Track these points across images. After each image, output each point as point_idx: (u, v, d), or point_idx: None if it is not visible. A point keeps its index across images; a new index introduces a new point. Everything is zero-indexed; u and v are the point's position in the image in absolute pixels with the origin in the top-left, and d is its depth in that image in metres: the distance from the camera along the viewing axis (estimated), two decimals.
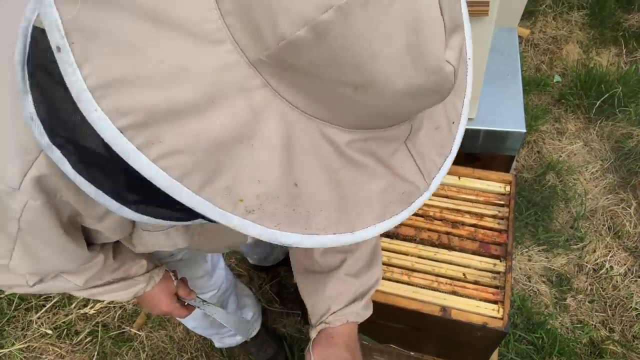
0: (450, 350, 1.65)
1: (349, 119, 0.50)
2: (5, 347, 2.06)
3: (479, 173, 1.68)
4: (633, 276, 2.18)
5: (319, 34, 0.41)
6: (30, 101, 0.52)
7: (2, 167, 0.62)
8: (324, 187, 0.52)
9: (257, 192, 0.48)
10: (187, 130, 0.44)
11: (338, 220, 0.54)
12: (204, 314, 1.50)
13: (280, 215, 0.50)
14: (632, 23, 3.19)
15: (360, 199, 0.55)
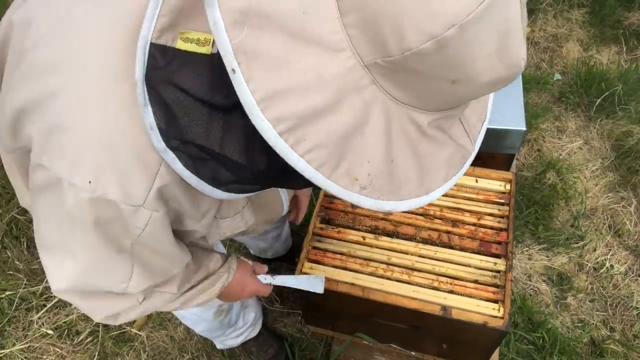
0: (451, 349, 1.65)
1: (434, 104, 0.62)
2: (6, 348, 2.06)
3: (479, 171, 1.68)
4: (634, 275, 2.18)
5: (441, 46, 0.52)
6: (150, 112, 0.63)
7: (126, 187, 0.68)
8: (410, 161, 0.64)
9: (368, 171, 0.61)
10: (322, 128, 0.56)
11: (419, 185, 0.67)
12: (215, 315, 1.51)
13: (383, 189, 0.63)
14: (633, 21, 3.18)
15: (433, 167, 0.68)
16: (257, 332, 1.91)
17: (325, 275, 1.49)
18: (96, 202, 0.69)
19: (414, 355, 1.76)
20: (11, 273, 2.24)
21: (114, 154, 0.68)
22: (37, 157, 0.71)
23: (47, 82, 0.70)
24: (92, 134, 0.68)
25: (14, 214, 2.35)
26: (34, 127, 0.71)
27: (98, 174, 0.68)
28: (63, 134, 0.68)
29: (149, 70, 0.63)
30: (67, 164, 0.68)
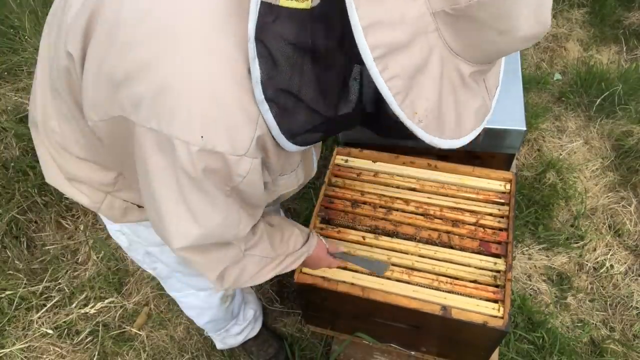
0: (451, 349, 1.65)
1: (478, 55, 0.74)
2: (6, 347, 2.06)
3: (479, 171, 1.67)
4: (634, 275, 2.18)
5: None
6: (257, 65, 0.72)
7: (233, 139, 0.76)
8: (452, 106, 0.76)
9: (425, 107, 0.72)
10: (400, 61, 0.68)
11: (454, 128, 0.77)
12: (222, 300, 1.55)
13: (432, 125, 0.74)
14: (633, 21, 3.18)
15: (465, 114, 0.78)
16: (257, 332, 1.92)
17: (325, 275, 1.49)
18: (207, 154, 0.76)
19: (414, 355, 1.76)
20: (11, 273, 2.24)
21: (222, 109, 0.75)
22: (145, 121, 0.77)
23: (151, 48, 0.75)
24: (200, 92, 0.74)
25: (14, 214, 2.35)
26: (137, 94, 0.76)
27: (208, 128, 0.75)
28: (171, 95, 0.74)
29: (259, 26, 0.71)
30: (179, 122, 0.75)
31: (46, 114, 1.01)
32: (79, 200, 1.08)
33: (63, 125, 0.99)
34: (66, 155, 1.03)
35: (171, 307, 2.17)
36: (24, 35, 2.98)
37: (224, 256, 1.00)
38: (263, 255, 1.09)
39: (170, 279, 1.44)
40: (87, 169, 1.03)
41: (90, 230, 2.38)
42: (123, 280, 2.25)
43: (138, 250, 1.30)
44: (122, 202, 1.08)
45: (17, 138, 2.56)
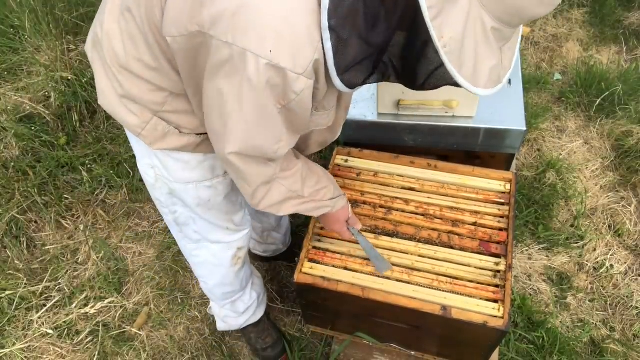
0: (451, 349, 1.65)
1: (501, 11, 0.82)
2: (6, 347, 2.06)
3: (479, 171, 1.67)
4: (634, 275, 2.18)
5: None
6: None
7: (296, 57, 0.88)
8: (472, 51, 0.85)
9: (451, 35, 0.81)
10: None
11: (472, 74, 0.87)
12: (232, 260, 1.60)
13: (454, 55, 0.83)
14: (633, 21, 3.18)
15: (482, 67, 0.87)
16: (259, 319, 1.93)
17: (325, 275, 1.49)
18: (272, 68, 0.87)
19: (414, 355, 1.76)
20: (11, 273, 2.24)
21: (291, 30, 0.86)
22: (222, 35, 0.88)
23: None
24: (274, 13, 0.86)
25: (14, 214, 2.36)
26: (219, 10, 0.87)
27: (277, 45, 0.86)
28: (249, 13, 0.86)
29: None
30: (254, 37, 0.86)
31: (111, 34, 1.10)
32: (126, 120, 1.17)
33: (128, 44, 1.09)
34: (125, 73, 1.12)
35: (171, 307, 2.17)
36: (24, 35, 2.98)
37: (262, 172, 1.11)
38: (291, 189, 1.22)
39: (187, 227, 1.46)
40: (143, 86, 1.12)
41: (90, 230, 2.38)
42: (123, 280, 2.25)
43: (162, 189, 1.35)
44: (166, 125, 1.17)
45: (17, 138, 2.56)
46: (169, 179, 1.31)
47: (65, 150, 2.56)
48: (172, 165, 1.28)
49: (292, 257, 2.18)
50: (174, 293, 2.20)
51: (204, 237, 1.50)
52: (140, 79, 1.11)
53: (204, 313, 2.13)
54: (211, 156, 1.28)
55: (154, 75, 1.10)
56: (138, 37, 1.07)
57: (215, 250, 1.55)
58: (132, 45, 1.08)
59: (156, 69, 1.09)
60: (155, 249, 2.33)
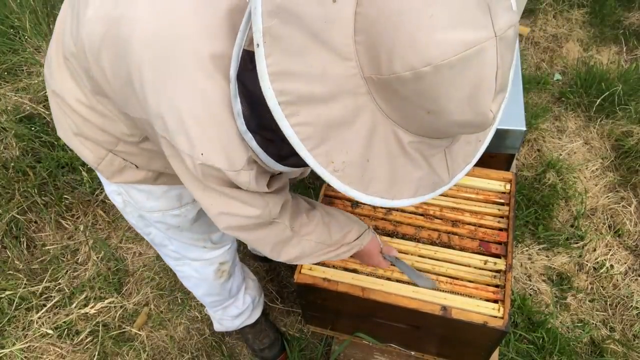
0: (451, 349, 1.65)
1: (415, 127, 0.75)
2: (6, 347, 2.06)
3: (479, 171, 1.67)
4: (633, 275, 2.18)
5: (418, 77, 0.66)
6: (238, 102, 0.79)
7: (230, 156, 0.86)
8: (384, 167, 0.78)
9: (344, 159, 0.75)
10: (314, 112, 0.71)
11: (387, 189, 0.81)
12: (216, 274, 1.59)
13: (352, 177, 0.77)
14: (633, 21, 3.18)
15: (404, 180, 0.81)
16: (255, 320, 1.93)
17: (325, 275, 1.49)
18: (208, 168, 0.87)
19: (414, 355, 1.76)
20: (11, 273, 2.24)
21: (218, 132, 0.84)
22: (160, 130, 0.87)
23: (158, 73, 0.83)
24: (200, 117, 0.83)
25: (14, 214, 2.35)
26: (151, 107, 0.85)
27: (207, 148, 0.85)
28: (175, 117, 0.83)
29: (240, 70, 0.77)
30: (182, 140, 0.85)
31: (61, 78, 1.09)
32: (82, 154, 1.16)
33: (75, 90, 1.07)
34: (76, 116, 1.10)
35: (171, 307, 2.17)
36: (24, 35, 2.98)
37: (269, 234, 1.09)
38: (319, 241, 1.20)
39: (164, 247, 1.46)
40: (94, 129, 1.11)
41: (90, 230, 2.38)
42: (123, 280, 2.25)
43: (132, 213, 1.34)
44: (122, 160, 1.16)
45: (17, 138, 2.56)
46: (135, 207, 1.30)
47: (65, 150, 2.56)
48: (136, 195, 1.26)
49: None
50: (174, 293, 2.20)
51: (183, 255, 1.49)
52: (88, 121, 1.09)
53: (204, 313, 2.13)
54: (177, 186, 1.25)
55: (104, 122, 1.08)
56: (82, 85, 1.05)
57: (197, 266, 1.54)
58: (79, 90, 1.06)
59: (105, 115, 1.07)
60: (155, 249, 2.32)
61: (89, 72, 0.98)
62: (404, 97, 0.70)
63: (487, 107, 0.70)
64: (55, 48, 1.10)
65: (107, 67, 0.91)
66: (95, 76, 0.96)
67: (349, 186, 0.78)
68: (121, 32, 0.85)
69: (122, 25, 0.85)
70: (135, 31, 0.84)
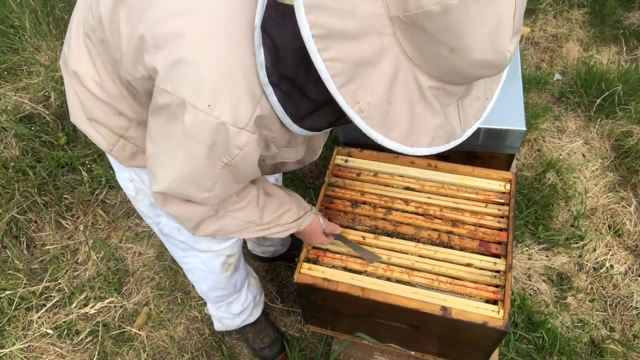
0: (451, 349, 1.65)
1: (435, 70, 0.76)
2: (6, 347, 2.06)
3: (479, 171, 1.67)
4: (633, 275, 2.18)
5: (445, 11, 0.68)
6: (262, 53, 0.81)
7: (236, 111, 0.86)
8: (404, 113, 0.80)
9: (369, 100, 0.76)
10: (344, 48, 0.73)
11: (406, 136, 0.82)
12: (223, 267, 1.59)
13: (375, 120, 0.78)
14: (633, 21, 3.18)
15: (422, 128, 0.82)
16: (256, 319, 1.93)
17: (325, 275, 1.49)
18: (210, 122, 0.86)
19: (414, 355, 1.76)
20: (11, 273, 2.24)
21: (229, 84, 0.85)
22: (161, 83, 0.88)
23: (177, 24, 0.86)
24: (213, 67, 0.84)
25: (14, 214, 2.35)
26: (160, 59, 0.87)
27: (216, 98, 0.85)
28: (188, 66, 0.85)
29: (265, 19, 0.79)
30: (191, 90, 0.85)
31: (75, 55, 1.11)
32: (96, 140, 1.18)
33: (89, 68, 1.10)
34: (88, 96, 1.12)
35: (171, 307, 2.17)
36: (24, 35, 2.98)
37: (194, 211, 1.08)
38: (247, 219, 1.19)
39: (172, 237, 1.46)
40: (105, 109, 1.13)
41: (90, 230, 2.38)
42: (123, 280, 2.25)
43: (143, 200, 1.35)
44: (133, 146, 1.18)
45: (17, 138, 2.56)
46: (148, 193, 1.31)
47: (65, 150, 2.56)
48: (147, 179, 1.26)
49: (291, 258, 2.18)
50: (174, 293, 2.20)
51: (191, 247, 1.49)
52: (102, 102, 1.11)
53: (204, 313, 2.13)
54: None
55: (114, 100, 1.10)
56: (98, 63, 1.08)
57: (205, 258, 1.54)
58: (94, 69, 1.09)
59: (116, 94, 1.09)
60: (155, 249, 2.32)
61: (103, 42, 1.02)
62: (429, 34, 0.71)
63: (506, 46, 0.73)
64: (75, 26, 1.12)
65: (122, 25, 0.95)
66: (109, 41, 0.99)
67: (372, 129, 0.78)
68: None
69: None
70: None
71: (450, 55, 0.73)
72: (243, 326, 1.94)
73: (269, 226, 1.26)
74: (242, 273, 1.74)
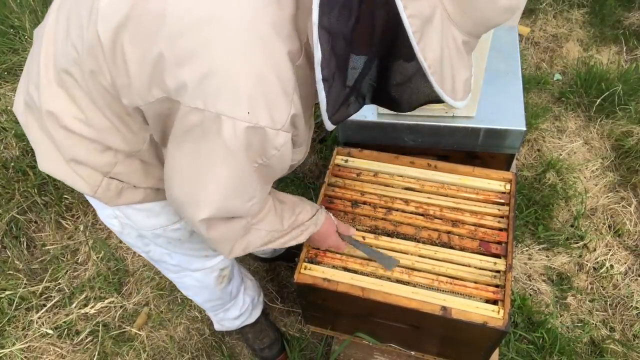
0: (451, 349, 1.65)
1: (469, 23, 0.83)
2: (6, 347, 2.06)
3: (479, 171, 1.67)
4: (633, 275, 2.18)
5: None
6: (319, 50, 0.81)
7: (273, 114, 0.86)
8: (449, 68, 0.86)
9: (432, 57, 0.82)
10: (416, 5, 0.78)
11: (451, 90, 0.88)
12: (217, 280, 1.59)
13: (437, 75, 0.84)
14: (633, 21, 3.18)
15: (459, 81, 0.89)
16: (255, 319, 1.94)
17: (325, 275, 1.49)
18: (251, 129, 0.86)
19: (414, 355, 1.76)
20: (11, 273, 2.24)
21: (264, 88, 0.85)
22: (191, 102, 0.86)
23: (200, 36, 0.84)
24: (245, 74, 0.84)
25: (14, 214, 2.36)
26: (188, 74, 0.85)
27: (254, 105, 0.85)
28: (219, 77, 0.84)
29: (320, 16, 0.80)
30: (228, 101, 0.84)
31: (52, 95, 1.04)
32: (76, 185, 1.11)
33: (70, 106, 1.03)
34: (70, 135, 1.05)
35: (171, 307, 2.17)
36: (24, 35, 2.98)
37: (232, 229, 1.08)
38: (269, 229, 1.19)
39: (164, 262, 1.46)
40: (89, 147, 1.07)
41: (90, 230, 2.38)
42: (123, 280, 2.25)
43: (130, 234, 1.33)
44: (119, 182, 1.13)
45: (17, 138, 2.56)
46: (135, 227, 1.28)
47: None
48: (134, 215, 1.24)
49: (291, 258, 2.18)
50: (174, 293, 2.20)
51: (183, 268, 1.49)
52: (86, 139, 1.05)
53: (204, 313, 2.13)
54: None
55: (102, 134, 1.05)
56: (83, 100, 1.02)
57: (198, 276, 1.54)
58: (74, 106, 1.03)
59: (106, 127, 1.04)
60: None
61: (94, 72, 0.96)
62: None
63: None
64: (44, 64, 1.05)
65: (128, 48, 0.91)
66: (106, 69, 0.95)
67: (438, 86, 0.84)
68: (151, 6, 0.87)
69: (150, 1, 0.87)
70: (169, 3, 0.86)
71: (485, 4, 0.81)
72: (243, 326, 1.95)
73: (289, 230, 1.25)
74: (237, 280, 1.74)
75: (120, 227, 1.31)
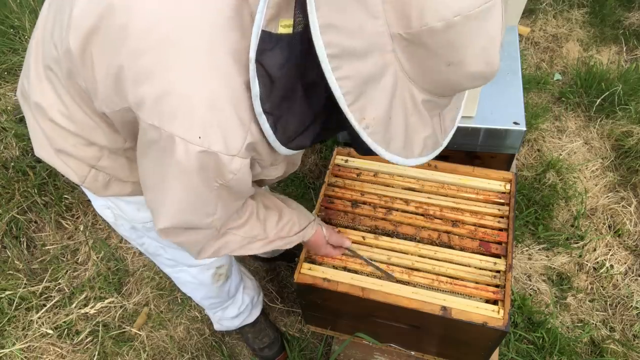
0: (451, 349, 1.65)
1: (430, 84, 0.80)
2: (6, 347, 2.06)
3: (479, 171, 1.67)
4: (633, 275, 2.18)
5: (448, 27, 0.71)
6: (257, 84, 0.82)
7: (227, 140, 0.86)
8: (401, 126, 0.83)
9: (373, 115, 0.79)
10: (353, 66, 0.75)
11: (403, 147, 0.86)
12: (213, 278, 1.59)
13: (378, 135, 0.81)
14: (633, 21, 3.18)
15: (415, 139, 0.87)
16: (255, 319, 1.94)
17: (325, 275, 1.49)
18: (202, 153, 0.86)
19: (414, 355, 1.76)
20: (11, 273, 2.24)
21: (219, 114, 0.85)
22: (148, 118, 0.87)
23: (158, 57, 0.84)
24: (200, 98, 0.84)
25: (14, 214, 2.36)
26: (145, 92, 0.85)
27: (206, 130, 0.85)
28: (174, 99, 0.84)
29: (259, 51, 0.80)
30: (180, 123, 0.84)
31: (40, 89, 1.07)
32: (65, 173, 1.14)
33: (55, 101, 1.05)
34: (55, 128, 1.08)
35: (171, 307, 2.17)
36: (24, 35, 2.98)
37: (196, 236, 1.08)
38: (247, 235, 1.18)
39: (159, 256, 1.46)
40: (76, 143, 1.09)
41: (90, 230, 2.38)
42: (123, 280, 2.25)
43: (124, 225, 1.34)
44: (105, 175, 1.15)
45: (17, 138, 2.56)
46: (127, 218, 1.29)
47: None
48: (125, 207, 1.26)
49: (291, 258, 2.18)
50: (174, 293, 2.20)
51: (178, 262, 1.49)
52: (70, 134, 1.08)
53: (204, 313, 2.13)
54: None
55: (85, 130, 1.07)
56: (66, 97, 1.04)
57: (194, 272, 1.54)
58: (59, 101, 1.05)
59: (88, 124, 1.06)
60: None
61: (71, 73, 0.98)
62: (429, 49, 0.74)
63: (496, 58, 0.78)
64: (34, 59, 1.08)
65: (96, 56, 0.91)
66: (79, 73, 0.96)
67: (375, 143, 0.82)
68: (116, 20, 0.86)
69: (117, 13, 0.86)
70: (133, 20, 0.85)
71: (446, 69, 0.77)
72: (242, 326, 1.95)
73: (272, 239, 1.25)
74: (236, 279, 1.74)
75: (113, 218, 1.32)
